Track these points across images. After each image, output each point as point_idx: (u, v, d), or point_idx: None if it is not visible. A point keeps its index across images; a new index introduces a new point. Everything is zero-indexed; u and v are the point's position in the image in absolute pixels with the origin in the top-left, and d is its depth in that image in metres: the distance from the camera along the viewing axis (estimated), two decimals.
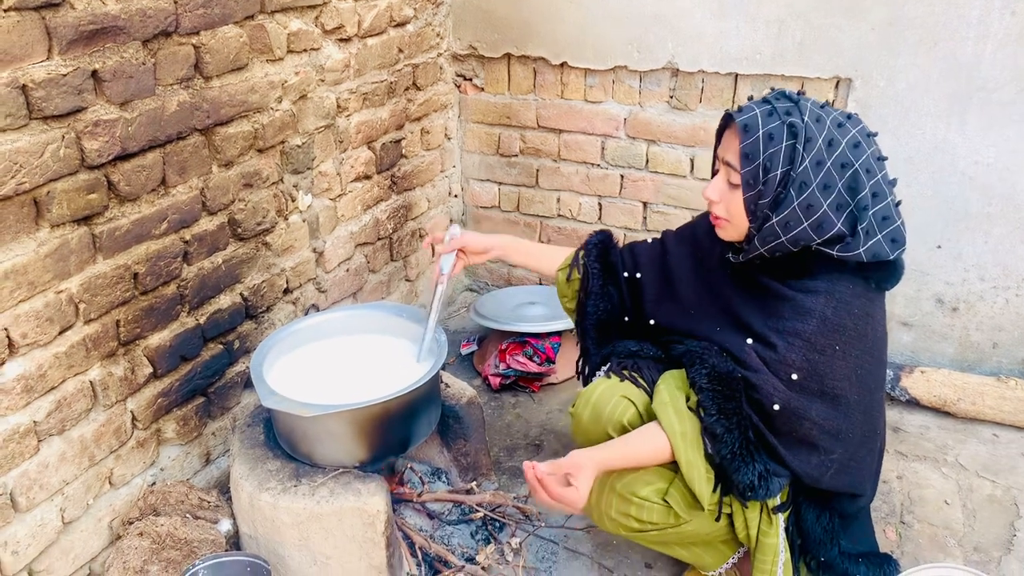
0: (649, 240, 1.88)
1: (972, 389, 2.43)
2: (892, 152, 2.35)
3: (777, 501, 1.60)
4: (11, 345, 1.53)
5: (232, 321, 2.08)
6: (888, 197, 1.48)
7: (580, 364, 1.97)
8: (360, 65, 2.40)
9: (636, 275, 1.84)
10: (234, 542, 1.85)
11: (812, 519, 1.63)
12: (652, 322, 1.82)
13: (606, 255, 1.88)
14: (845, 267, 1.50)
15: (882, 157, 1.50)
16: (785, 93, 1.53)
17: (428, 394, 1.85)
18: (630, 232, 2.92)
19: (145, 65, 1.69)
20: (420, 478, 2.04)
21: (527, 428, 2.51)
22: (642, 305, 1.84)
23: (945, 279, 2.51)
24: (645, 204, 2.87)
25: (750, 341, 1.56)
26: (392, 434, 1.79)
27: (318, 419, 1.68)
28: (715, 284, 1.70)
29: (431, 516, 2.01)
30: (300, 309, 2.35)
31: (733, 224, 1.56)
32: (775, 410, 1.51)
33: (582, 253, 1.89)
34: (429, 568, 1.89)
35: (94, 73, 1.58)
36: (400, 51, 2.60)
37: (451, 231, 1.91)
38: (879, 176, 1.47)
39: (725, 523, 1.63)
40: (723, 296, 1.68)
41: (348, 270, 2.54)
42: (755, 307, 1.59)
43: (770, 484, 1.53)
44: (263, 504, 1.70)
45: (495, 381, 2.66)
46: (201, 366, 2.00)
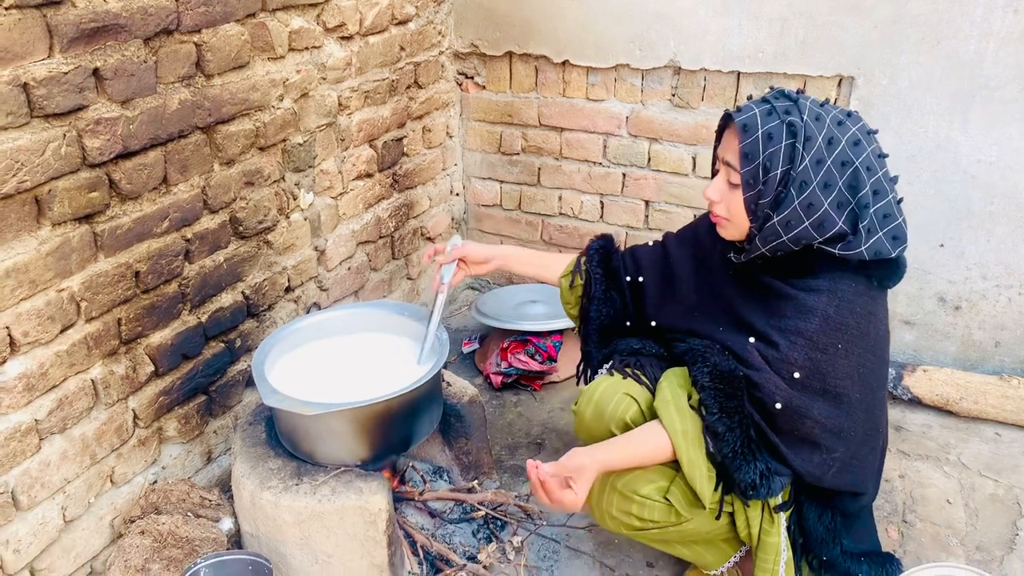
0: (650, 243, 1.88)
1: (974, 388, 2.43)
2: (894, 150, 2.35)
3: (779, 500, 1.59)
4: (12, 343, 1.53)
5: (234, 319, 2.08)
6: (889, 194, 1.48)
7: (581, 368, 1.97)
8: (361, 63, 2.40)
9: (638, 279, 1.84)
10: (236, 541, 1.85)
11: (814, 518, 1.63)
12: (654, 324, 1.82)
13: (608, 260, 1.88)
14: (847, 265, 1.49)
15: (883, 154, 1.50)
16: (784, 92, 1.52)
17: (430, 393, 1.85)
18: (632, 230, 2.92)
19: (146, 63, 1.69)
20: (422, 477, 2.04)
21: (529, 427, 2.51)
22: (644, 308, 1.84)
23: (947, 278, 2.50)
24: (647, 202, 2.86)
25: (752, 340, 1.56)
26: (394, 433, 1.79)
27: (320, 418, 1.68)
28: (717, 284, 1.70)
29: (433, 515, 2.01)
30: (302, 307, 2.35)
31: (734, 224, 1.56)
32: (777, 409, 1.50)
33: (584, 259, 1.89)
34: (431, 567, 1.89)
35: (95, 71, 1.58)
36: (402, 49, 2.59)
37: (452, 241, 1.93)
38: (880, 174, 1.47)
39: (726, 522, 1.63)
40: (725, 296, 1.67)
41: (350, 268, 2.54)
42: (757, 306, 1.59)
43: (772, 483, 1.53)
44: (265, 503, 1.70)
45: (497, 379, 2.66)
46: (203, 364, 2.00)
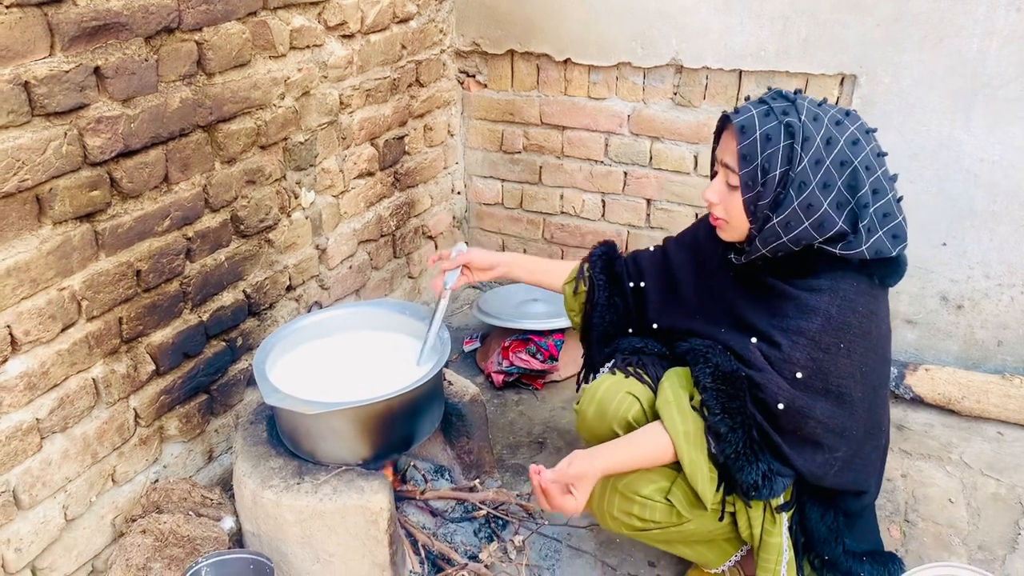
0: (651, 248, 1.88)
1: (976, 387, 2.42)
2: (896, 149, 2.35)
3: (781, 500, 1.59)
4: (14, 342, 1.53)
5: (235, 318, 2.08)
6: (889, 193, 1.47)
7: (583, 374, 1.96)
8: (363, 61, 2.39)
9: (641, 284, 1.84)
10: (237, 540, 1.85)
11: (816, 517, 1.63)
12: (655, 326, 1.82)
13: (611, 266, 1.87)
14: (848, 265, 1.49)
15: (882, 153, 1.49)
16: (782, 92, 1.52)
17: (431, 392, 1.85)
18: (634, 229, 2.92)
19: (148, 62, 1.68)
20: (423, 476, 2.04)
21: (530, 425, 2.50)
22: (646, 313, 1.83)
23: (950, 277, 2.50)
24: (649, 201, 2.86)
25: (754, 340, 1.56)
26: (395, 432, 1.79)
27: (321, 417, 1.67)
28: (717, 286, 1.70)
29: (434, 514, 2.01)
30: (303, 306, 2.34)
31: (733, 225, 1.55)
32: (779, 409, 1.50)
33: (587, 265, 1.89)
34: (432, 566, 1.89)
35: (96, 70, 1.58)
36: (403, 47, 2.59)
37: (457, 247, 1.94)
38: (879, 172, 1.46)
39: (728, 522, 1.62)
40: (726, 298, 1.67)
41: (351, 267, 2.54)
42: (759, 307, 1.59)
43: (774, 484, 1.53)
44: (266, 501, 1.70)
45: (498, 378, 2.66)
46: (204, 363, 2.00)
